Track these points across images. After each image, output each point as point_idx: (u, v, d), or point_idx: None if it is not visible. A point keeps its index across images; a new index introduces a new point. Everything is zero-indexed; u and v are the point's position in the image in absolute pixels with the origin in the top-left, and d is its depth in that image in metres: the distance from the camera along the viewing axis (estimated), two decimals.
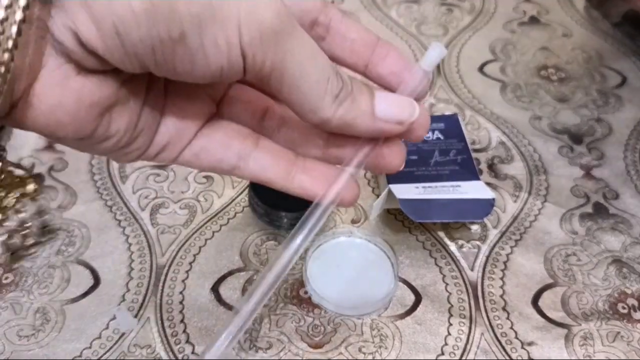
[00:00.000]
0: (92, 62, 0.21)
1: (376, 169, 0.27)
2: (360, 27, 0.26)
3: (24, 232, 0.44)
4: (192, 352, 0.39)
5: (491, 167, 0.52)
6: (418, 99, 0.26)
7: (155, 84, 0.25)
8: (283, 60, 0.22)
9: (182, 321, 0.40)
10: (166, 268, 0.43)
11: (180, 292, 0.42)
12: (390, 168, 0.27)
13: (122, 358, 0.38)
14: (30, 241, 0.44)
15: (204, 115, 0.27)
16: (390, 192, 0.44)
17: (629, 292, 0.43)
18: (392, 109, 0.24)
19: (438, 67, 0.62)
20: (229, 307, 0.41)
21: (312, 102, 0.23)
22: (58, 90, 0.21)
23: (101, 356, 0.38)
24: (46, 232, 0.45)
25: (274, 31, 0.21)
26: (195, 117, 0.26)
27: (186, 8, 0.20)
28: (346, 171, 0.26)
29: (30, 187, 0.45)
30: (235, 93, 0.28)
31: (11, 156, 0.50)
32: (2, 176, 0.44)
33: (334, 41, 0.26)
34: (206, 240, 0.45)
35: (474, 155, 0.49)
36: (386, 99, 0.25)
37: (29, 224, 0.44)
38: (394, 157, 0.26)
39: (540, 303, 0.42)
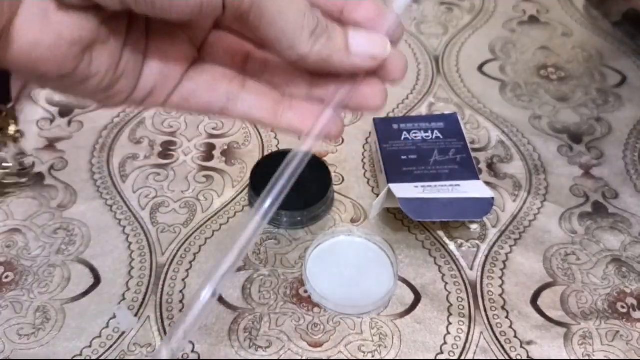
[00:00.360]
0: None
1: (359, 108, 0.28)
2: None
3: (3, 171, 0.46)
4: (192, 351, 0.39)
5: (490, 166, 0.52)
6: (393, 42, 0.27)
7: (136, 24, 0.25)
8: None
9: None
10: (166, 267, 0.43)
11: (181, 291, 0.42)
12: (373, 107, 0.28)
13: (122, 357, 0.38)
14: (9, 180, 0.45)
15: (187, 58, 0.27)
16: (389, 191, 0.44)
17: (628, 291, 0.43)
18: (365, 44, 0.26)
19: (438, 65, 0.62)
20: (229, 306, 0.41)
21: (290, 39, 0.24)
22: (38, 25, 0.21)
23: (101, 355, 0.38)
24: (24, 174, 0.47)
25: None
26: (178, 60, 0.27)
27: None
28: (330, 107, 0.27)
29: (12, 128, 0.46)
30: (215, 39, 0.28)
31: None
32: None
33: None
34: (206, 239, 0.45)
35: (473, 154, 0.49)
36: (359, 35, 0.26)
37: (9, 164, 0.46)
38: (375, 96, 0.27)
39: (540, 302, 0.42)
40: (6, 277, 0.42)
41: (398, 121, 0.51)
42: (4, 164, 0.46)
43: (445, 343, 0.40)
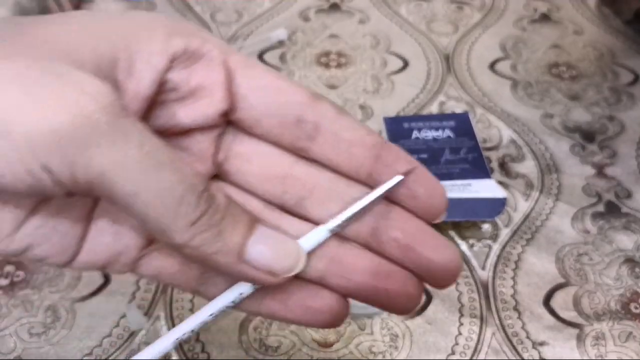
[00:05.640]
0: None
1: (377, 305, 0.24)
2: (359, 127, 0.22)
3: None
4: (202, 351, 0.39)
5: (502, 165, 0.52)
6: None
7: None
8: (102, 171, 0.17)
9: None
10: None
11: None
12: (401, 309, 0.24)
13: (132, 357, 0.38)
14: None
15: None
16: None
17: None
18: (267, 255, 0.20)
19: (448, 64, 0.62)
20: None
21: (157, 222, 0.18)
22: None
23: (111, 354, 0.38)
24: None
25: (72, 138, 0.17)
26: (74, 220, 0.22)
27: None
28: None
29: None
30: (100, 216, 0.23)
31: None
32: None
33: (327, 142, 0.22)
34: None
35: (484, 153, 0.49)
36: (266, 240, 0.20)
37: None
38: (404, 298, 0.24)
39: (552, 303, 0.42)
40: (17, 276, 0.43)
41: (408, 120, 0.51)
42: None
43: (456, 344, 0.39)
